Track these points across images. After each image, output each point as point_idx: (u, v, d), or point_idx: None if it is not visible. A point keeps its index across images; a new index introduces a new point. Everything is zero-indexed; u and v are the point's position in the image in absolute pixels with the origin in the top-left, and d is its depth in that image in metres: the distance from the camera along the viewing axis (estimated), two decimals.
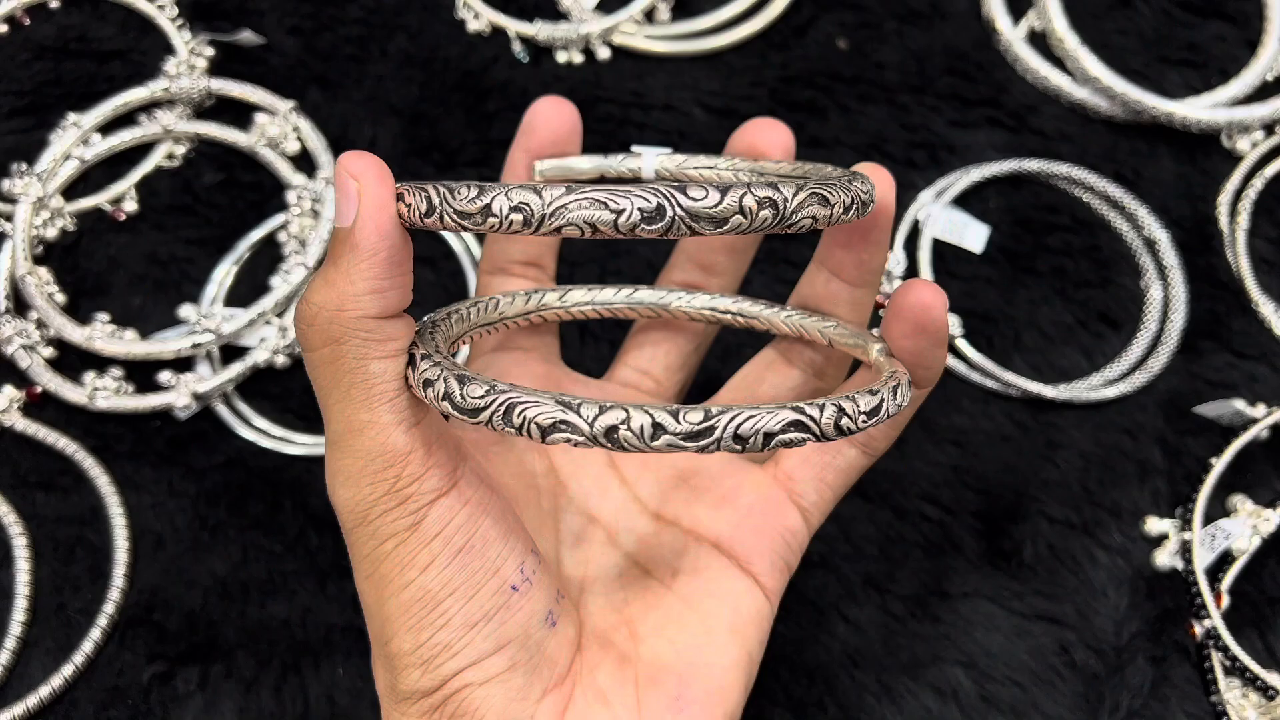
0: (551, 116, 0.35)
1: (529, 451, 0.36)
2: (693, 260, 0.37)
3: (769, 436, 0.24)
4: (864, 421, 0.26)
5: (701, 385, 0.41)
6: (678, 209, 0.24)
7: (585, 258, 0.48)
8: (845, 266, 0.33)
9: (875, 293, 0.34)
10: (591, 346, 0.46)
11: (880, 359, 0.31)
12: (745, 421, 0.24)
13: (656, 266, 0.47)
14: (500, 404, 0.25)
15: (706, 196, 0.24)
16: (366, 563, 0.29)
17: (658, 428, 0.24)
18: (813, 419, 0.25)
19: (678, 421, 0.24)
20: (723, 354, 0.45)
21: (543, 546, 0.34)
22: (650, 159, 0.36)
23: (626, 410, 0.24)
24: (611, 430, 0.24)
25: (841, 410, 0.25)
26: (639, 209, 0.24)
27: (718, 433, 0.24)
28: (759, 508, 0.34)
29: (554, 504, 0.35)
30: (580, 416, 0.24)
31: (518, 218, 0.24)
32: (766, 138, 0.35)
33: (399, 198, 0.27)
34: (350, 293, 0.26)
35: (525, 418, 0.25)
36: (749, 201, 0.25)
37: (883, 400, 0.27)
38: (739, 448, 0.24)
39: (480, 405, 0.25)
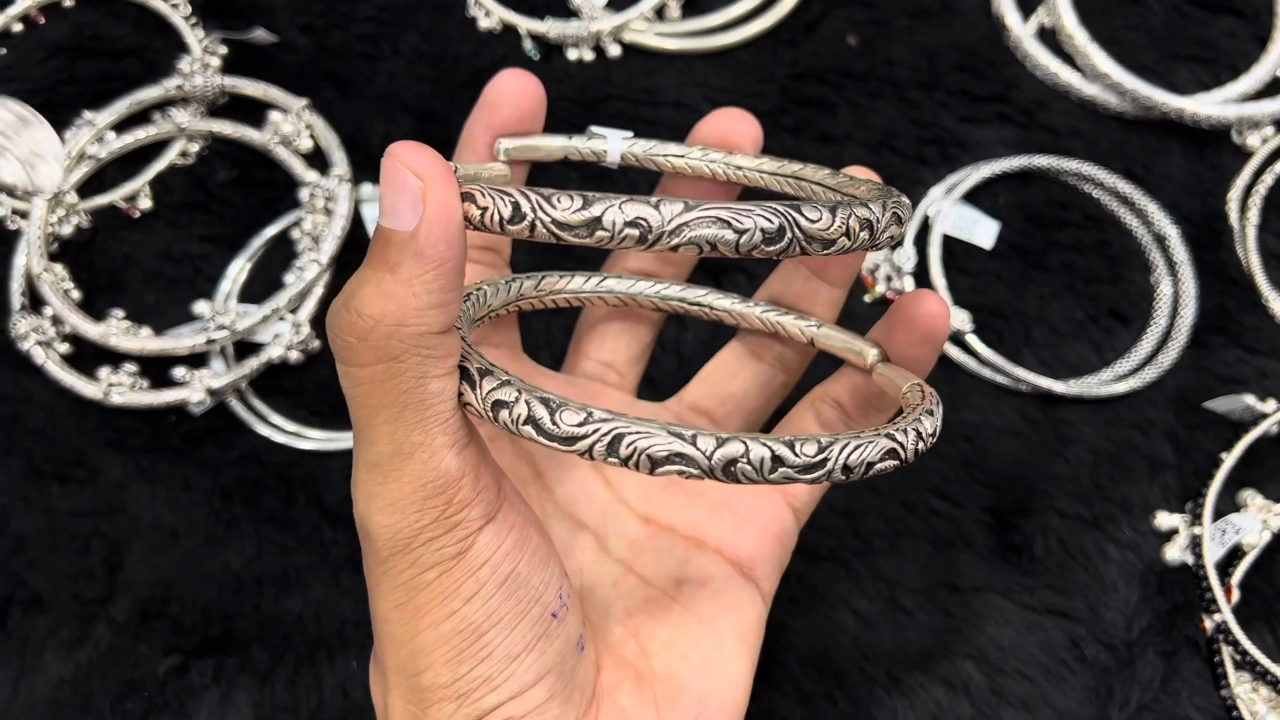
0: (516, 91, 0.33)
1: (518, 458, 0.34)
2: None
3: (870, 466, 0.25)
4: (931, 442, 0.27)
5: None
6: (797, 230, 0.24)
7: (532, 245, 0.48)
8: (830, 267, 0.34)
9: (846, 292, 0.35)
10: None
11: (880, 365, 0.32)
12: (854, 453, 0.25)
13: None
14: (605, 433, 0.24)
15: (821, 218, 0.24)
16: (400, 591, 0.27)
17: (776, 460, 0.24)
18: (901, 445, 0.26)
19: (795, 454, 0.24)
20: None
21: None
22: (615, 142, 0.34)
23: (745, 444, 0.24)
24: (730, 464, 0.24)
25: (920, 435, 0.26)
26: (761, 229, 0.23)
27: (829, 465, 0.24)
28: (758, 513, 0.34)
29: (541, 511, 0.34)
30: (698, 449, 0.24)
31: (633, 233, 0.23)
32: (737, 129, 0.34)
33: (468, 198, 0.24)
34: (413, 306, 0.24)
35: (636, 449, 0.24)
36: (853, 223, 0.25)
37: (938, 419, 0.27)
38: (844, 478, 0.25)
39: (578, 434, 0.24)
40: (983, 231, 0.48)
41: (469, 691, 0.27)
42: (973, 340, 0.46)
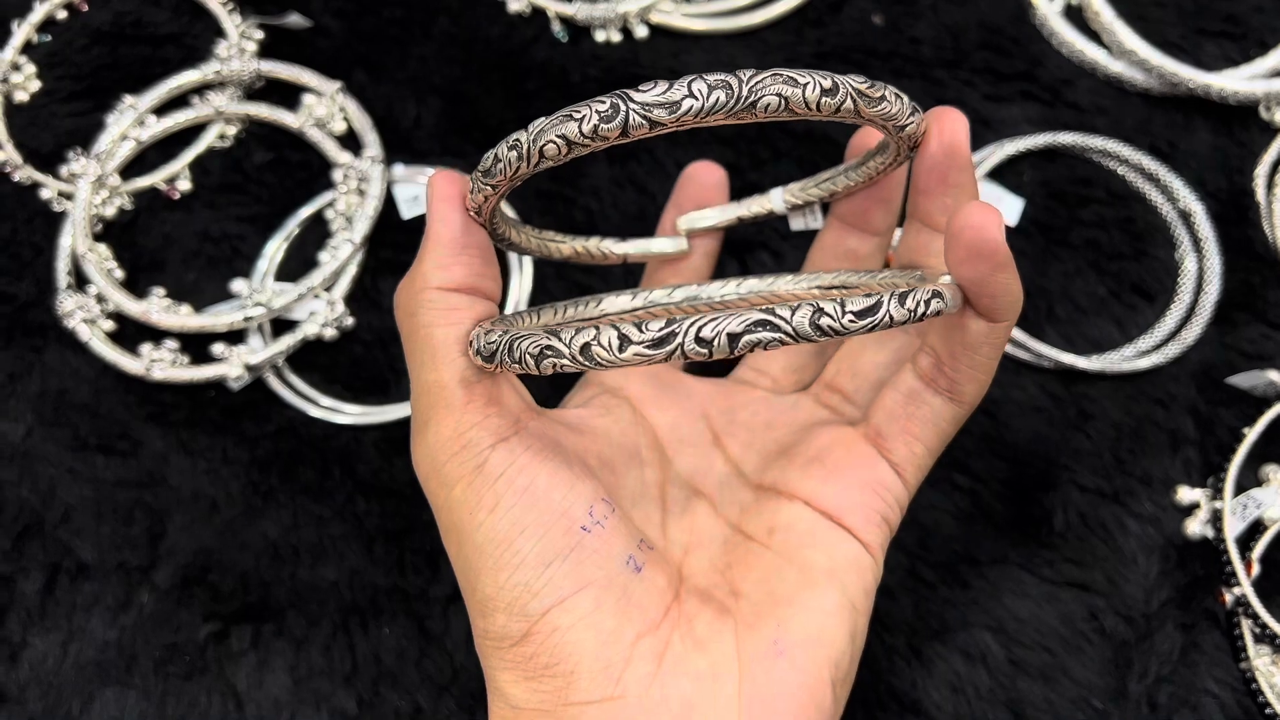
0: (699, 175, 0.40)
1: (633, 425, 0.37)
2: (816, 267, 0.39)
3: (734, 338, 0.25)
4: (851, 322, 0.25)
5: None
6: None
7: (613, 195, 0.49)
8: (932, 214, 0.34)
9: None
10: None
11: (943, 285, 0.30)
12: (706, 325, 0.25)
13: (755, 232, 0.48)
14: (504, 343, 0.28)
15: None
16: (443, 514, 0.31)
17: (624, 339, 0.25)
18: (783, 319, 0.25)
19: (641, 331, 0.25)
20: None
21: (649, 516, 0.35)
22: (778, 194, 0.39)
23: (596, 328, 0.26)
24: (585, 348, 0.26)
25: (820, 310, 0.25)
26: (598, 111, 0.25)
27: (679, 338, 0.25)
28: (846, 463, 0.34)
29: (660, 476, 0.36)
30: (561, 341, 0.26)
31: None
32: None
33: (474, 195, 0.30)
34: (420, 270, 0.31)
35: (520, 350, 0.27)
36: (699, 86, 0.25)
37: (879, 303, 0.26)
38: (705, 351, 0.25)
39: (494, 348, 0.28)
40: (1007, 209, 0.49)
41: (514, 600, 0.30)
42: None
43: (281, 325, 0.48)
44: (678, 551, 0.35)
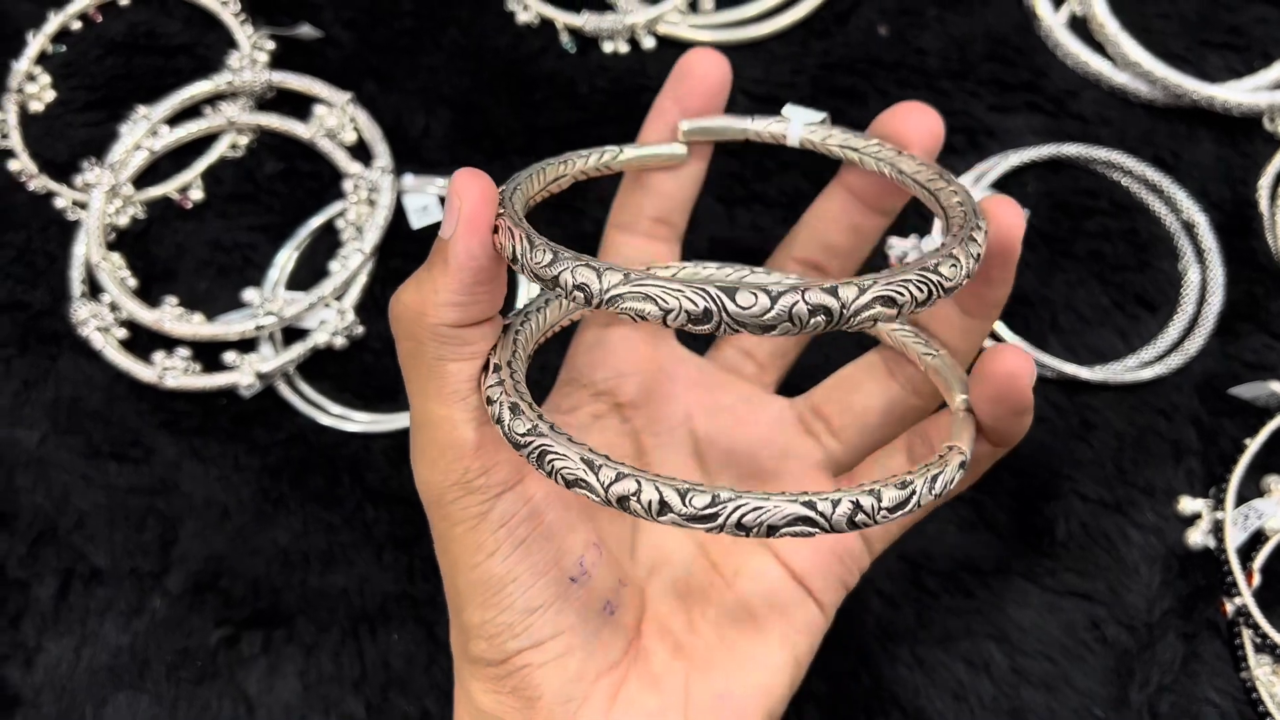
0: (706, 68, 0.35)
1: (619, 435, 0.37)
2: (815, 238, 0.37)
3: (772, 529, 0.25)
4: (884, 517, 0.26)
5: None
6: (725, 315, 0.24)
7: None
8: (962, 295, 0.32)
9: (990, 325, 0.33)
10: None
11: (960, 414, 0.31)
12: (750, 513, 0.25)
13: (731, 241, 0.48)
14: (536, 447, 0.27)
15: (754, 304, 0.24)
16: (442, 540, 0.31)
17: (664, 505, 0.25)
18: (823, 515, 0.25)
19: (683, 504, 0.25)
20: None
21: (619, 528, 0.36)
22: (797, 127, 0.35)
23: (639, 483, 0.25)
24: (624, 499, 0.25)
25: (858, 507, 0.25)
26: (686, 311, 0.24)
27: (720, 519, 0.25)
28: None
29: None
30: (597, 479, 0.25)
31: (579, 295, 0.25)
32: (910, 123, 0.33)
33: (498, 230, 0.27)
34: (432, 301, 0.28)
35: (554, 467, 0.26)
36: (799, 309, 0.24)
37: (913, 493, 0.26)
38: (743, 534, 0.25)
39: (521, 442, 0.27)
40: None
41: (495, 634, 0.31)
42: (999, 326, 0.47)
43: (292, 334, 0.48)
44: (643, 573, 0.35)
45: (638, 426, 0.37)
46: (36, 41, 0.53)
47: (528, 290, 0.48)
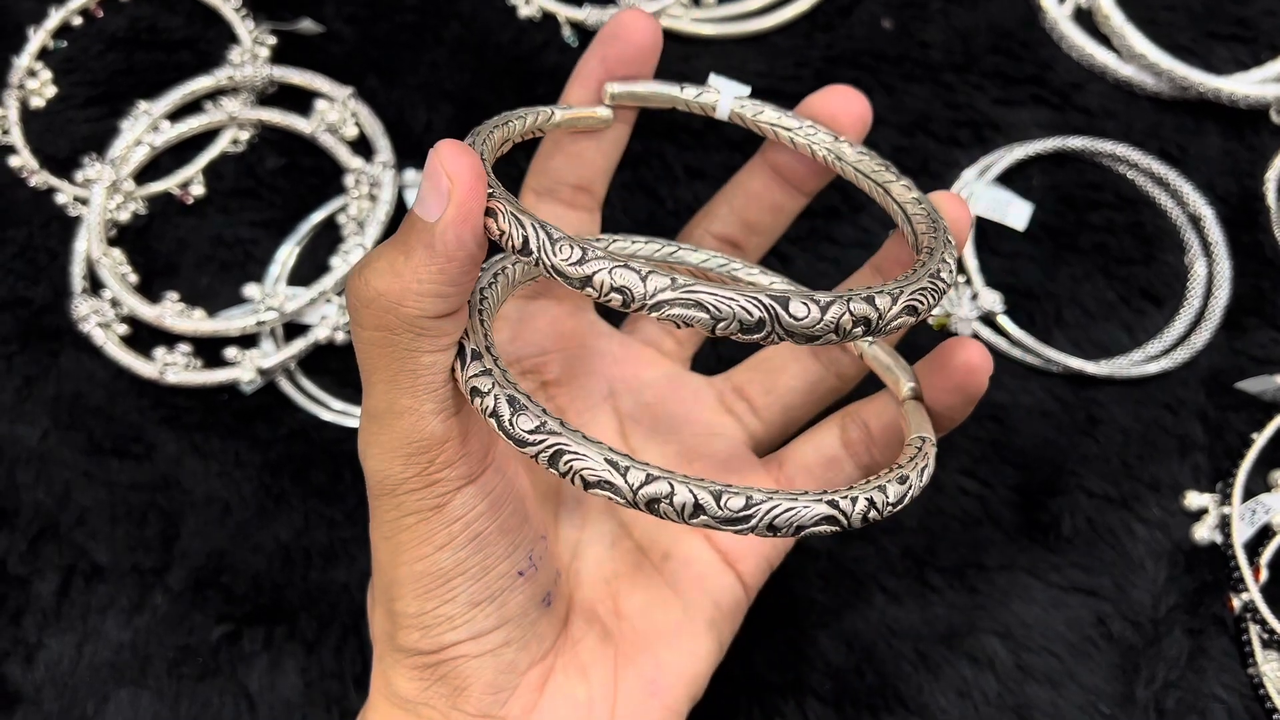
0: (634, 29, 0.33)
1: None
2: (736, 214, 0.36)
3: (800, 529, 0.25)
4: (890, 511, 0.26)
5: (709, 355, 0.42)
6: (778, 325, 0.24)
7: (622, 200, 0.49)
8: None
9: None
10: None
11: (909, 403, 0.31)
12: (782, 514, 0.25)
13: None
14: (549, 446, 0.25)
15: (808, 315, 0.24)
16: (386, 527, 0.30)
17: (699, 508, 0.25)
18: (844, 514, 0.26)
19: (719, 506, 0.25)
20: None
21: (544, 512, 0.35)
22: (727, 100, 0.34)
23: (671, 485, 0.24)
24: (654, 502, 0.25)
25: (872, 504, 0.26)
26: (740, 320, 0.24)
27: (754, 521, 0.25)
28: None
29: None
30: (625, 481, 0.25)
31: (617, 297, 0.24)
32: (843, 106, 0.33)
33: (491, 214, 0.25)
34: (414, 290, 0.25)
35: (572, 469, 0.25)
36: (845, 320, 0.24)
37: (910, 486, 0.27)
38: (770, 534, 0.25)
39: (528, 440, 0.25)
40: (1015, 213, 0.49)
41: (432, 625, 0.30)
42: (1004, 321, 0.47)
43: (294, 329, 0.48)
44: (567, 554, 0.35)
45: (562, 404, 0.36)
46: (38, 37, 0.53)
47: None
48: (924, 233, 0.29)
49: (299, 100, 0.51)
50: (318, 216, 0.50)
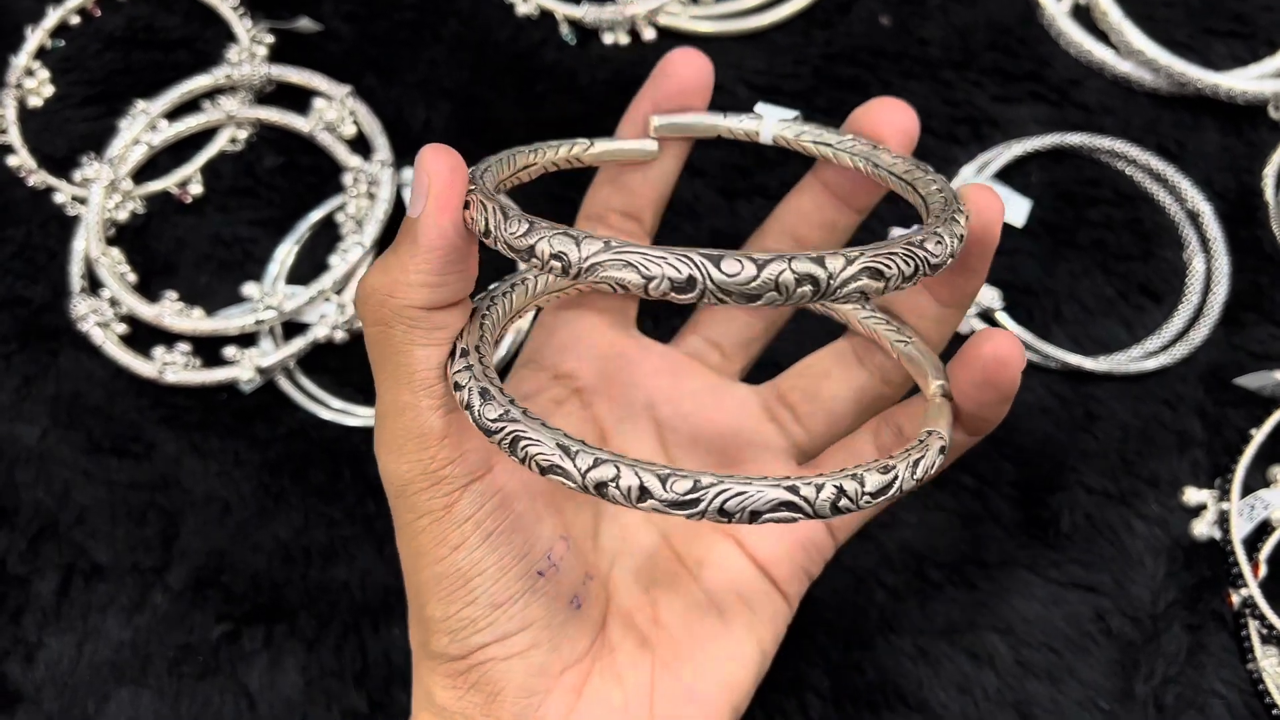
0: (682, 68, 0.34)
1: (580, 421, 0.36)
2: (788, 232, 0.36)
3: (755, 514, 0.24)
4: (867, 501, 0.25)
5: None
6: (709, 282, 0.23)
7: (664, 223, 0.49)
8: (936, 284, 0.32)
9: (963, 314, 0.33)
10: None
11: (936, 400, 0.30)
12: (733, 498, 0.24)
13: (733, 235, 0.48)
14: (508, 433, 0.26)
15: (740, 271, 0.23)
16: (406, 531, 0.30)
17: (644, 491, 0.24)
18: (806, 500, 0.24)
19: (664, 489, 0.24)
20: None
21: (582, 516, 0.35)
22: (770, 124, 0.34)
23: (618, 468, 0.24)
24: (601, 485, 0.25)
25: (842, 491, 0.25)
26: (669, 278, 0.24)
27: (702, 505, 0.24)
28: None
29: None
30: (575, 466, 0.25)
31: (556, 264, 0.24)
32: (884, 118, 0.33)
33: (470, 204, 0.27)
34: (402, 281, 0.27)
35: (527, 454, 0.25)
36: (787, 278, 0.24)
37: (895, 478, 0.26)
38: (725, 520, 0.24)
39: (492, 428, 0.26)
40: (1014, 210, 0.49)
41: (459, 629, 0.30)
42: (1002, 317, 0.47)
43: (293, 328, 0.48)
44: (606, 563, 0.35)
45: (599, 413, 0.36)
46: (35, 36, 0.52)
47: None
48: (936, 215, 0.28)
49: (297, 99, 0.51)
50: (316, 215, 0.50)
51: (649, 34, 0.52)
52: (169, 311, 0.47)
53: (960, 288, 0.32)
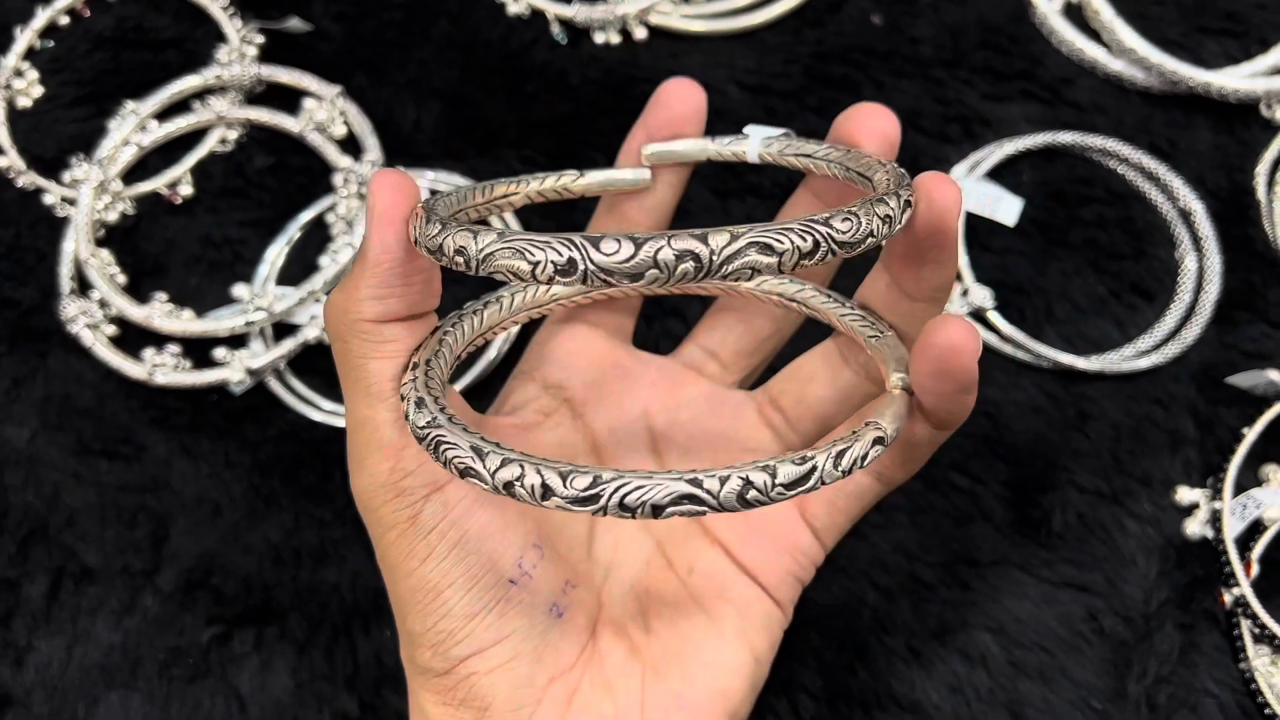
0: (675, 99, 0.35)
1: (571, 431, 0.36)
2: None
3: (657, 509, 0.24)
4: (780, 494, 0.25)
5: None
6: (590, 264, 0.23)
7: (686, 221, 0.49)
8: (904, 278, 0.31)
9: (939, 309, 0.31)
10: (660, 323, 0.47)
11: (895, 392, 0.29)
12: (632, 492, 0.24)
13: None
14: (432, 438, 0.26)
15: (618, 251, 0.23)
16: (378, 546, 0.31)
17: (547, 489, 0.24)
18: (710, 492, 0.24)
19: (565, 486, 0.24)
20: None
21: (576, 529, 0.35)
22: (755, 143, 0.34)
23: (523, 468, 0.25)
24: (509, 485, 0.25)
25: (749, 483, 0.24)
26: (551, 261, 0.24)
27: (602, 500, 0.24)
28: (769, 522, 0.34)
29: None
30: (484, 466, 0.25)
31: (459, 260, 0.25)
32: (864, 125, 0.32)
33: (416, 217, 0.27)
34: (354, 296, 0.28)
35: (447, 457, 0.26)
36: (666, 256, 0.23)
37: (814, 469, 0.25)
38: (628, 515, 0.24)
39: (420, 434, 0.27)
40: (1006, 208, 0.49)
41: (439, 642, 0.30)
42: (994, 317, 0.47)
43: (283, 329, 0.48)
44: (600, 574, 0.35)
45: (592, 423, 0.37)
46: (24, 37, 0.52)
47: None
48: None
49: (287, 99, 0.51)
50: (306, 216, 0.50)
51: (640, 33, 0.52)
52: (159, 313, 0.47)
53: (926, 280, 0.30)
